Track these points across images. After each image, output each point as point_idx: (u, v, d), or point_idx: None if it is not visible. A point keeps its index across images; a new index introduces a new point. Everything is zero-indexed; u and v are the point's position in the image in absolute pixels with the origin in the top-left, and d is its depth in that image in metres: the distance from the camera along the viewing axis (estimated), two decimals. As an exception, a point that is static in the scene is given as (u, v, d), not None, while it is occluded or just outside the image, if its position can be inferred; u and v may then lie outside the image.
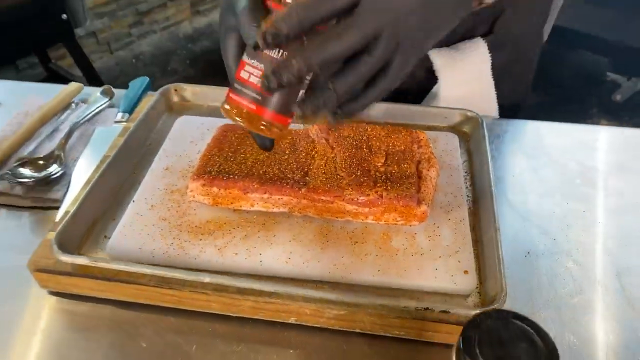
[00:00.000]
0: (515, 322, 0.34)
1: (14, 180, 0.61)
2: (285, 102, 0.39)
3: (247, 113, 0.39)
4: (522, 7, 0.72)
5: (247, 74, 0.39)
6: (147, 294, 0.48)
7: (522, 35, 0.74)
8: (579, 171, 0.65)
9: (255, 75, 0.39)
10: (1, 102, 0.76)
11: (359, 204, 0.50)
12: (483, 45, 0.70)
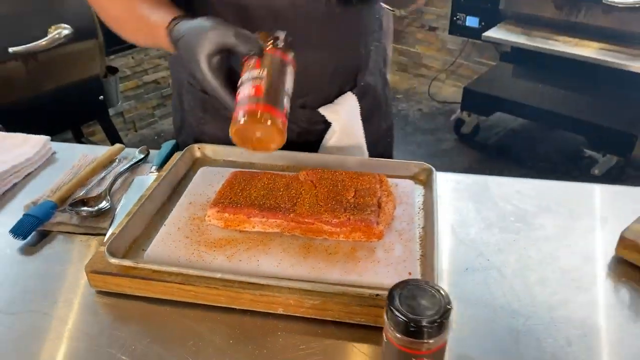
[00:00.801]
0: (425, 286, 0.50)
1: (73, 213, 0.79)
2: (272, 96, 0.59)
3: (249, 114, 0.60)
4: (373, 59, 0.96)
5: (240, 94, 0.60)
6: (172, 291, 0.64)
7: (375, 85, 0.97)
8: (513, 212, 0.82)
9: (243, 92, 0.59)
10: (58, 158, 0.97)
11: (333, 225, 0.67)
12: (353, 97, 0.92)
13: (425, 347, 0.47)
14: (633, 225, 0.72)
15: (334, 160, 0.84)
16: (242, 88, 0.63)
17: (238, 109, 0.62)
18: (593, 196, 0.86)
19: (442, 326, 0.47)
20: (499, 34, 2.24)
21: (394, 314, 0.47)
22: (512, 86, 2.45)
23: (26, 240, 0.76)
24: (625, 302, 0.66)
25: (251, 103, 0.62)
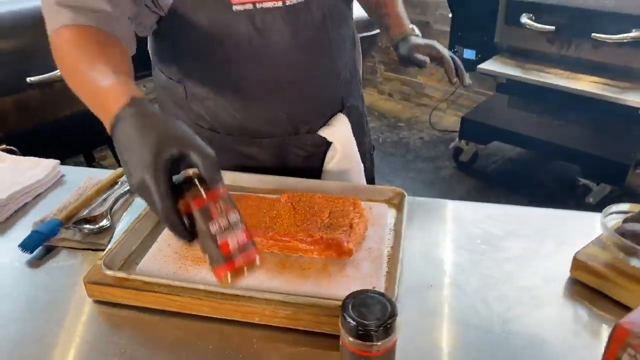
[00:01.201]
0: (376, 296, 0.56)
1: (76, 230, 0.87)
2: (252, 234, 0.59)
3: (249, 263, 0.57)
4: (354, 80, 1.06)
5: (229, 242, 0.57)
6: (161, 301, 0.71)
7: (357, 103, 1.07)
8: (481, 235, 0.88)
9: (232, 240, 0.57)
10: (66, 180, 1.05)
11: (307, 243, 0.74)
12: (344, 117, 1.01)
13: (375, 349, 0.54)
14: (586, 248, 0.78)
15: (317, 185, 0.91)
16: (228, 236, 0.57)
17: (234, 260, 0.57)
18: (557, 221, 0.92)
19: (388, 330, 0.53)
20: (493, 66, 2.33)
21: (346, 320, 0.54)
22: (508, 116, 2.52)
23: (33, 254, 0.84)
24: (573, 319, 0.72)
25: (248, 251, 0.58)
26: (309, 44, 0.90)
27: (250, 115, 0.95)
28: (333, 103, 1.01)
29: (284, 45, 0.87)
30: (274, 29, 0.85)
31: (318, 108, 0.98)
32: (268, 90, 0.92)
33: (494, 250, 0.85)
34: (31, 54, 1.68)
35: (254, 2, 0.82)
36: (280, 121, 0.95)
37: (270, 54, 0.87)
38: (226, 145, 0.97)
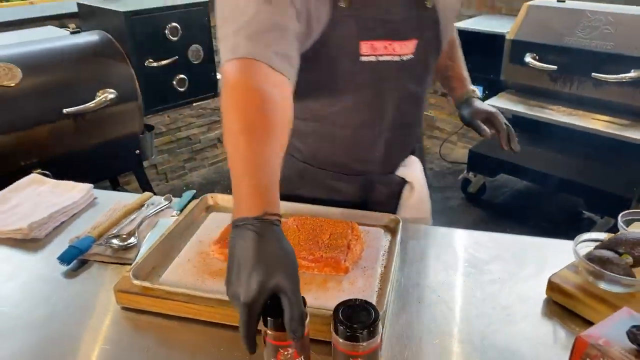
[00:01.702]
0: (364, 304, 0.66)
1: (107, 246, 0.99)
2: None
3: None
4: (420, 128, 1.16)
5: None
6: (179, 308, 0.82)
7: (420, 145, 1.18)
8: (468, 259, 0.97)
9: None
10: (98, 202, 1.17)
11: (309, 260, 0.84)
12: (416, 160, 1.12)
13: (361, 349, 0.63)
14: (560, 272, 0.87)
15: (319, 210, 1.01)
16: None
17: None
18: (537, 248, 1.00)
19: (372, 333, 0.62)
20: (500, 102, 2.43)
21: (336, 323, 0.63)
22: (515, 150, 2.61)
23: (69, 266, 0.96)
24: (546, 334, 0.80)
25: None
26: (410, 95, 1.01)
27: (348, 154, 1.05)
28: (409, 148, 1.13)
29: (393, 94, 0.98)
30: (388, 79, 0.95)
31: (404, 151, 1.10)
32: (372, 133, 1.01)
33: (478, 273, 0.93)
34: (67, 87, 1.84)
35: (377, 55, 0.91)
36: (374, 161, 1.06)
37: (382, 101, 0.98)
38: (317, 178, 1.07)
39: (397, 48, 0.92)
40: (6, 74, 1.73)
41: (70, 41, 1.96)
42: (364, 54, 0.90)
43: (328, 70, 0.93)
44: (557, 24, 2.26)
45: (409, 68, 0.95)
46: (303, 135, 1.03)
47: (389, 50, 0.92)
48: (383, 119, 1.00)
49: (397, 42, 0.92)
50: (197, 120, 3.08)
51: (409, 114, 1.05)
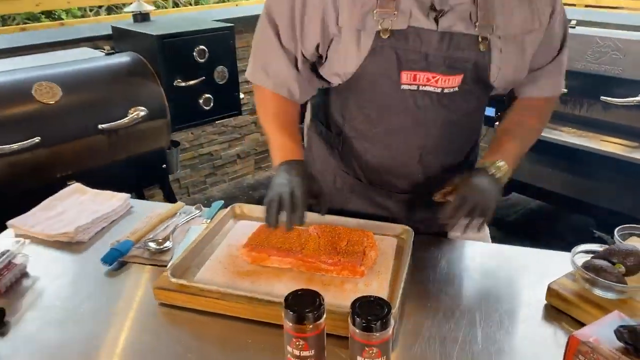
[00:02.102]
0: (378, 300, 0.74)
1: (144, 249, 1.09)
2: None
3: None
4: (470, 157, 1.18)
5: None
6: (211, 304, 0.91)
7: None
8: (475, 267, 1.05)
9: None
10: (134, 211, 1.28)
11: (328, 264, 0.93)
12: None
13: (374, 339, 0.71)
14: (559, 280, 0.95)
15: (338, 220, 1.10)
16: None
17: None
18: (541, 258, 1.08)
19: (384, 325, 0.71)
20: (512, 123, 2.51)
21: (353, 316, 0.72)
22: (526, 170, 2.67)
23: (111, 267, 1.06)
24: (545, 335, 0.88)
25: None
26: (456, 125, 1.06)
27: (395, 173, 1.12)
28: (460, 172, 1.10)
29: (435, 122, 1.03)
30: (430, 107, 1.01)
31: (448, 175, 1.08)
32: (416, 155, 1.08)
33: (484, 279, 1.01)
34: (102, 104, 1.97)
35: (418, 84, 0.99)
36: (417, 181, 1.12)
37: (424, 128, 1.04)
38: (365, 193, 1.16)
39: (440, 81, 0.98)
40: (47, 92, 1.86)
41: (105, 62, 2.10)
42: (405, 82, 0.99)
43: (371, 94, 1.03)
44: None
45: (454, 99, 1.01)
46: (354, 153, 1.13)
47: (431, 82, 0.98)
48: (424, 144, 1.07)
49: (441, 75, 0.98)
50: (219, 137, 3.20)
51: (455, 143, 1.10)
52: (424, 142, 1.07)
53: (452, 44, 0.96)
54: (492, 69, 0.99)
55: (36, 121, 1.81)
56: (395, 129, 1.06)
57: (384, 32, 0.95)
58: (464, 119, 1.06)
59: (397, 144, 1.08)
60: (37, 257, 1.09)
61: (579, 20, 2.56)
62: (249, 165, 3.45)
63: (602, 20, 2.65)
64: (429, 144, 1.07)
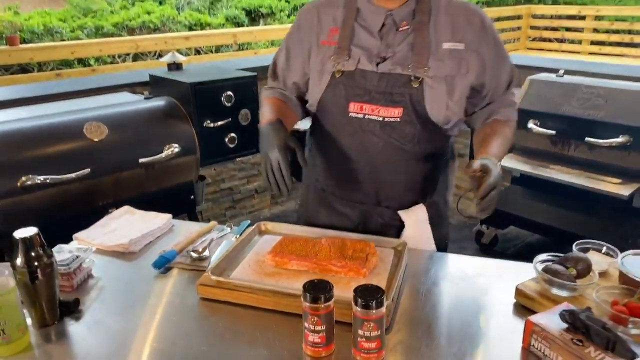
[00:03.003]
0: (375, 286, 0.97)
1: (187, 257, 1.32)
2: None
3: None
4: (442, 184, 1.44)
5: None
6: (243, 297, 1.14)
7: (438, 202, 1.45)
8: (459, 274, 1.27)
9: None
10: (175, 229, 1.53)
11: (337, 267, 1.16)
12: (423, 207, 1.40)
13: (372, 314, 0.93)
14: (525, 282, 1.16)
15: (344, 234, 1.34)
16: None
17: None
18: (515, 268, 1.29)
19: (379, 304, 0.93)
20: (508, 162, 2.75)
21: (355, 297, 0.94)
22: (522, 204, 2.90)
23: (160, 271, 1.29)
24: (513, 324, 1.09)
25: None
26: (398, 152, 1.29)
27: (349, 185, 1.37)
28: (414, 196, 1.36)
29: (377, 145, 1.29)
30: (374, 133, 1.28)
31: (396, 194, 1.35)
32: (364, 171, 1.33)
33: (465, 283, 1.23)
34: (141, 141, 2.26)
35: (364, 113, 1.27)
36: (368, 194, 1.36)
37: (370, 150, 1.30)
38: (329, 202, 1.43)
39: (382, 112, 1.26)
40: (96, 131, 2.15)
41: (144, 105, 2.40)
42: (352, 111, 1.28)
43: (328, 120, 1.34)
44: (555, 95, 2.61)
45: (396, 128, 1.26)
46: (320, 165, 1.42)
47: (374, 112, 1.26)
48: (371, 163, 1.31)
49: (382, 107, 1.26)
50: (239, 173, 3.48)
51: (402, 165, 1.32)
52: (370, 162, 1.32)
53: (390, 82, 1.25)
54: (426, 104, 1.24)
55: (86, 155, 2.09)
56: (347, 149, 1.33)
57: (337, 73, 1.28)
58: (408, 145, 1.28)
59: (349, 162, 1.34)
60: (99, 263, 1.33)
61: (567, 70, 2.84)
62: (265, 200, 3.70)
63: (587, 70, 2.92)
64: (375, 164, 1.31)
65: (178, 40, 6.30)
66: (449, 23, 1.26)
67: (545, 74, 2.83)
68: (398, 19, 1.26)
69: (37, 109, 2.35)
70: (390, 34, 1.26)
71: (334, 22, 1.31)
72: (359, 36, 1.28)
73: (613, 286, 1.09)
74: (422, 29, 1.24)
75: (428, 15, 1.25)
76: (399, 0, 1.25)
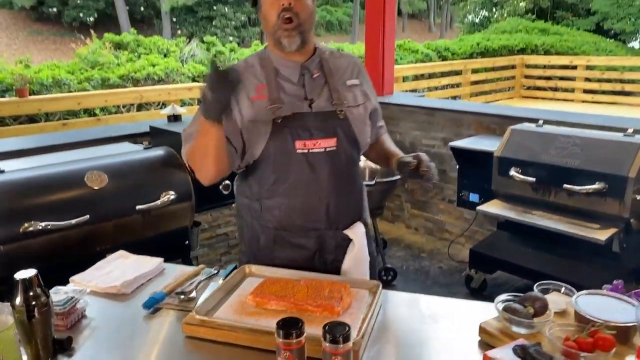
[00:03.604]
0: (342, 323, 1.05)
1: (175, 299, 1.41)
2: None
3: None
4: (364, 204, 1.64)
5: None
6: (225, 335, 1.22)
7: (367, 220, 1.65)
8: (429, 313, 1.35)
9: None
10: (166, 272, 1.62)
11: (313, 306, 1.25)
12: (361, 224, 1.58)
13: (340, 348, 1.02)
14: (488, 320, 1.24)
15: (324, 277, 1.43)
16: None
17: None
18: (483, 308, 1.38)
19: (346, 339, 1.02)
20: (492, 208, 2.85)
21: (324, 332, 1.03)
22: (508, 249, 2.98)
23: (149, 311, 1.38)
24: (474, 357, 1.16)
25: None
26: (339, 175, 1.51)
27: (303, 217, 1.51)
28: (355, 215, 1.59)
29: (325, 174, 1.48)
30: (319, 164, 1.47)
31: (345, 215, 1.56)
32: (316, 201, 1.50)
33: (434, 322, 1.31)
34: (140, 189, 2.37)
35: (308, 148, 1.46)
36: (321, 220, 1.52)
37: (318, 180, 1.48)
38: (284, 239, 1.54)
39: (322, 143, 1.47)
40: (96, 179, 2.28)
41: (144, 154, 2.53)
42: (299, 148, 1.46)
43: (277, 161, 1.48)
44: (535, 144, 2.74)
45: (334, 155, 1.49)
46: (270, 210, 1.54)
47: (316, 145, 1.47)
48: (321, 190, 1.49)
49: (321, 139, 1.47)
50: (234, 219, 3.57)
51: (343, 186, 1.53)
52: (320, 189, 1.49)
53: (323, 118, 1.48)
54: (354, 128, 1.52)
55: (86, 202, 2.20)
56: (298, 183, 1.49)
57: (278, 119, 1.46)
58: (346, 169, 1.53)
59: (301, 194, 1.49)
60: (93, 303, 1.42)
61: (547, 120, 2.99)
62: (261, 245, 3.79)
63: (566, 120, 3.07)
64: (324, 190, 1.49)
65: (181, 91, 6.55)
66: (341, 66, 1.58)
67: (526, 123, 2.97)
68: (311, 69, 1.53)
69: (43, 158, 2.49)
70: (308, 81, 1.52)
71: (258, 80, 1.51)
72: (284, 87, 1.51)
73: (567, 323, 1.17)
74: (329, 73, 1.54)
75: (328, 63, 1.55)
76: (307, 55, 1.53)
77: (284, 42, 1.45)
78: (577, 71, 10.77)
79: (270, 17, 1.44)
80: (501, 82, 11.02)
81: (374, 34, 4.18)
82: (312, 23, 1.50)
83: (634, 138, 2.52)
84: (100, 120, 5.97)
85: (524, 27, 13.72)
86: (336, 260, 1.55)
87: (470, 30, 18.33)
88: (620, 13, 16.68)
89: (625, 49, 14.36)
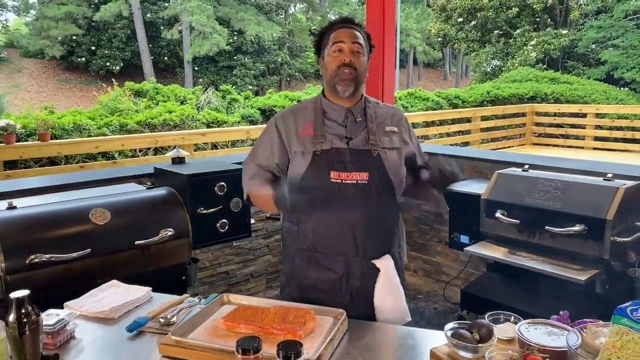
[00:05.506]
0: (295, 341, 1.16)
1: (157, 323, 1.54)
2: None
3: None
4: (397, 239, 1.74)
5: None
6: (198, 355, 1.33)
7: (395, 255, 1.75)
8: (391, 340, 1.45)
9: None
10: (154, 300, 1.75)
11: (277, 330, 1.36)
12: (389, 257, 1.69)
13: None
14: (439, 346, 1.34)
15: (291, 305, 1.54)
16: None
17: None
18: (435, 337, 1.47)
19: (297, 355, 1.13)
20: (480, 249, 2.93)
21: (278, 351, 1.14)
22: (498, 290, 3.03)
23: (132, 334, 1.50)
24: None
25: None
26: (369, 207, 1.66)
27: (333, 241, 1.67)
28: (382, 247, 1.72)
29: (356, 204, 1.64)
30: (351, 193, 1.64)
31: (372, 246, 1.69)
32: (346, 228, 1.65)
33: (392, 349, 1.41)
34: (140, 225, 2.53)
35: (341, 179, 1.64)
36: (349, 247, 1.67)
37: (349, 207, 1.64)
38: (316, 259, 1.70)
39: (355, 176, 1.65)
40: (100, 216, 2.44)
41: (146, 194, 2.70)
42: (333, 178, 1.64)
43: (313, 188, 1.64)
44: (519, 187, 2.84)
45: (365, 188, 1.65)
46: (306, 233, 1.70)
47: (349, 177, 1.64)
48: (350, 218, 1.65)
49: (354, 172, 1.64)
50: (235, 258, 3.70)
51: (372, 218, 1.67)
52: (351, 217, 1.65)
53: (357, 154, 1.67)
54: (386, 167, 1.68)
55: (89, 237, 2.36)
56: (330, 209, 1.64)
57: (318, 151, 1.66)
58: (377, 200, 1.67)
59: (333, 220, 1.66)
60: (83, 326, 1.55)
61: (532, 165, 3.10)
62: (260, 283, 3.89)
63: (550, 164, 3.18)
64: (354, 218, 1.65)
65: (195, 136, 6.84)
66: (382, 114, 1.79)
67: (513, 168, 3.09)
68: (355, 113, 1.75)
69: (54, 196, 2.68)
70: (351, 123, 1.73)
71: (307, 119, 1.75)
72: (329, 126, 1.73)
73: (507, 348, 1.27)
74: (370, 119, 1.75)
75: (371, 110, 1.77)
76: (354, 102, 1.76)
77: (339, 88, 1.69)
78: (586, 119, 10.89)
79: (331, 67, 1.70)
80: (512, 129, 11.17)
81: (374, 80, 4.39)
82: (365, 76, 1.74)
83: (613, 182, 2.61)
84: (116, 163, 6.24)
85: (534, 76, 13.95)
86: (362, 288, 1.69)
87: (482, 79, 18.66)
88: (630, 62, 16.89)
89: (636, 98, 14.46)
